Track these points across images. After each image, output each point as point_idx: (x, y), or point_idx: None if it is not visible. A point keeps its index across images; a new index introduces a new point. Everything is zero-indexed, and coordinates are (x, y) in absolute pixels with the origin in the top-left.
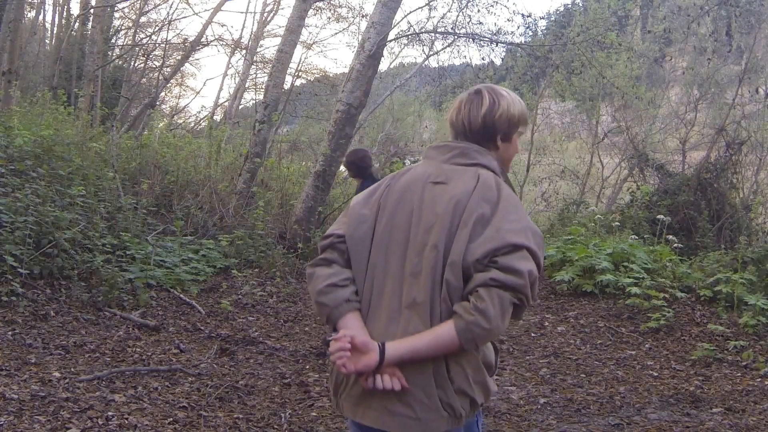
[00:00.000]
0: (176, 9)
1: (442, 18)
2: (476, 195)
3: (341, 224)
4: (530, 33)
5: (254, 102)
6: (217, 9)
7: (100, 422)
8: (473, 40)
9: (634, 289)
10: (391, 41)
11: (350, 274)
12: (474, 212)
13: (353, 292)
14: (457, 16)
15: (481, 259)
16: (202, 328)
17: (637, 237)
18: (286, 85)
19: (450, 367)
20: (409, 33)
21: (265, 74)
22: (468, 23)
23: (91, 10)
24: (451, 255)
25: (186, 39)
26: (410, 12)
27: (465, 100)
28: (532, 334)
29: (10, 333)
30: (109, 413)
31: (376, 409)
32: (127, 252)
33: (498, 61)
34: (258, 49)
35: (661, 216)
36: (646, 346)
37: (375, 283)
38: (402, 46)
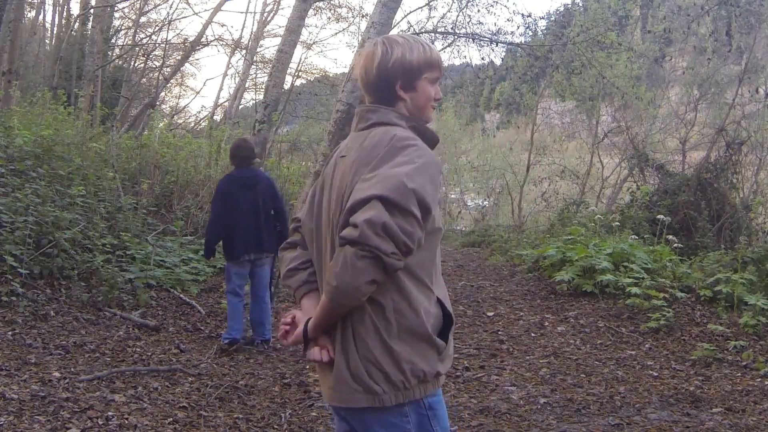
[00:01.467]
0: (176, 9)
1: (442, 18)
2: (357, 162)
3: (303, 207)
4: (530, 33)
5: (254, 102)
6: (217, 9)
7: (100, 422)
8: (473, 40)
9: (634, 289)
10: None
11: (309, 256)
12: (354, 183)
13: (311, 273)
14: (457, 16)
15: (344, 226)
16: (202, 328)
17: (637, 237)
18: (286, 85)
19: (355, 336)
20: (408, 33)
21: (265, 74)
22: (468, 23)
23: (91, 10)
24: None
25: (186, 39)
26: (410, 12)
27: (364, 53)
28: (532, 334)
29: (10, 333)
30: (109, 413)
31: (324, 383)
32: (127, 252)
33: (498, 61)
34: (258, 49)
35: (661, 216)
36: (646, 346)
37: (318, 263)
38: None
